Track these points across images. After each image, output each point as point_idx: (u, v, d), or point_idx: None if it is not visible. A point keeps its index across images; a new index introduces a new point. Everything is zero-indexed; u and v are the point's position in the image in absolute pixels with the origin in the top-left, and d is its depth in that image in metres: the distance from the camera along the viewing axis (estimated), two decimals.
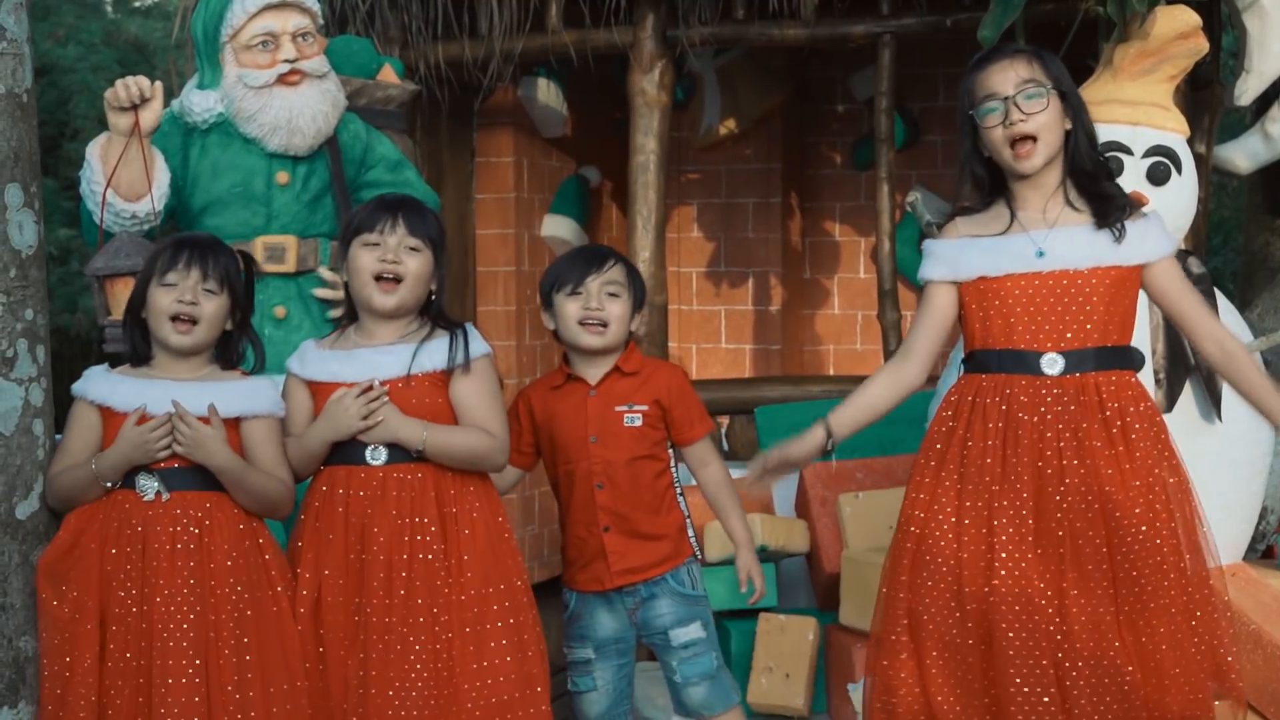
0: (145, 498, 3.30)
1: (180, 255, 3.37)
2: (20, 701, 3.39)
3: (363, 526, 3.38)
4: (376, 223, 3.45)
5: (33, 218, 3.44)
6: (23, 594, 3.39)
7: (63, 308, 9.82)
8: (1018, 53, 3.36)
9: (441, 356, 3.45)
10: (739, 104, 6.85)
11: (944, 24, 5.27)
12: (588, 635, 3.76)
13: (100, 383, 3.39)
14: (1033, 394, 3.29)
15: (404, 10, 5.62)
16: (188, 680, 3.21)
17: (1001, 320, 3.33)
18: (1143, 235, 3.31)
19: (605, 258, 3.78)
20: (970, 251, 3.37)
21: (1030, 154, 3.29)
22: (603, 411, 3.73)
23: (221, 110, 4.13)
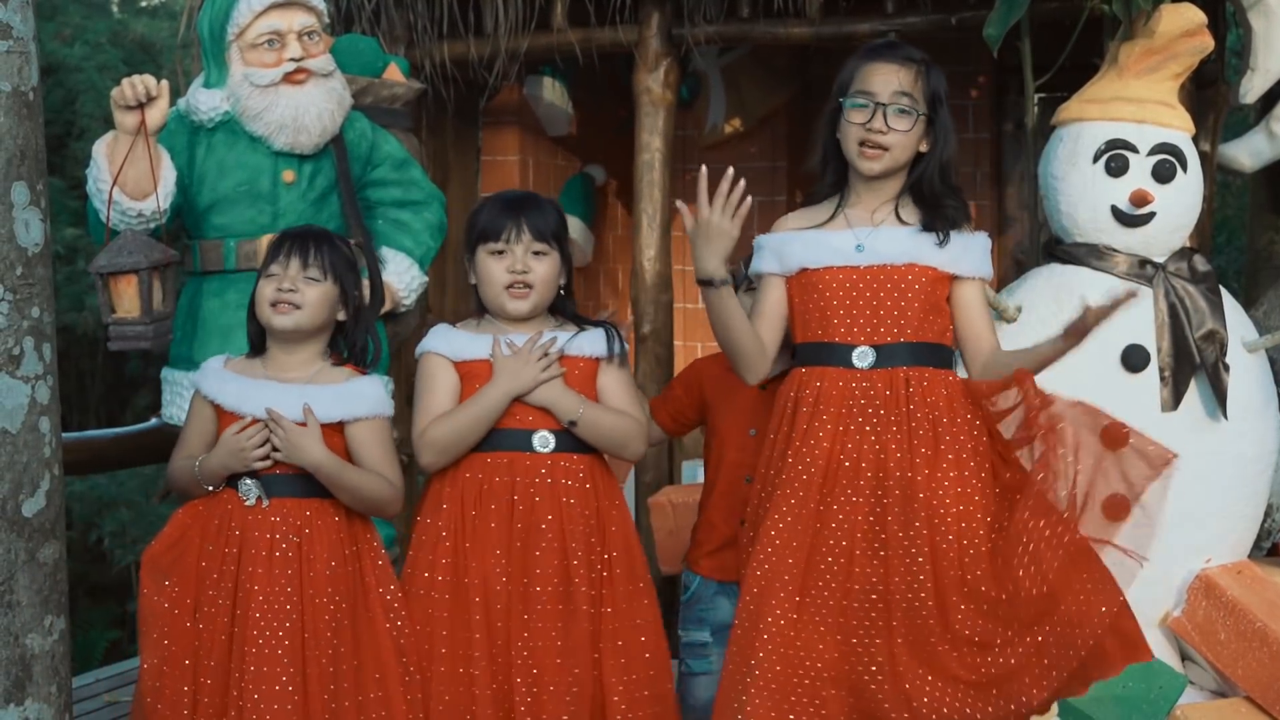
0: (246, 501, 3.32)
1: (282, 246, 3.40)
2: (27, 699, 3.40)
3: (530, 514, 3.36)
4: (501, 230, 3.44)
5: (39, 216, 3.44)
6: (29, 592, 3.39)
7: (69, 306, 9.82)
8: (908, 61, 3.41)
9: (601, 345, 3.47)
10: (744, 102, 6.86)
11: (949, 22, 5.27)
12: (707, 619, 3.75)
13: (213, 379, 3.42)
14: (841, 385, 3.35)
15: (409, 9, 5.62)
16: (281, 688, 3.21)
17: (819, 313, 3.40)
18: (966, 248, 3.40)
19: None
20: (794, 244, 3.46)
21: (875, 159, 3.38)
22: (768, 406, 3.64)
23: (227, 109, 4.13)
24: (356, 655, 3.30)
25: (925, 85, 3.40)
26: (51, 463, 3.46)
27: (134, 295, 3.94)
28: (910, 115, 3.37)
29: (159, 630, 3.30)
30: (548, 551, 3.35)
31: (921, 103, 3.39)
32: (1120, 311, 3.28)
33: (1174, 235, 4.13)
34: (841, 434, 3.34)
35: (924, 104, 3.39)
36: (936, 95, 3.41)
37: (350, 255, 3.46)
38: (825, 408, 3.37)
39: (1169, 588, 4.06)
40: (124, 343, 3.95)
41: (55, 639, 3.43)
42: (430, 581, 3.40)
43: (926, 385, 3.35)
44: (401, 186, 4.42)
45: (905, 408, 3.33)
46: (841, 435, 3.34)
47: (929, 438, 3.32)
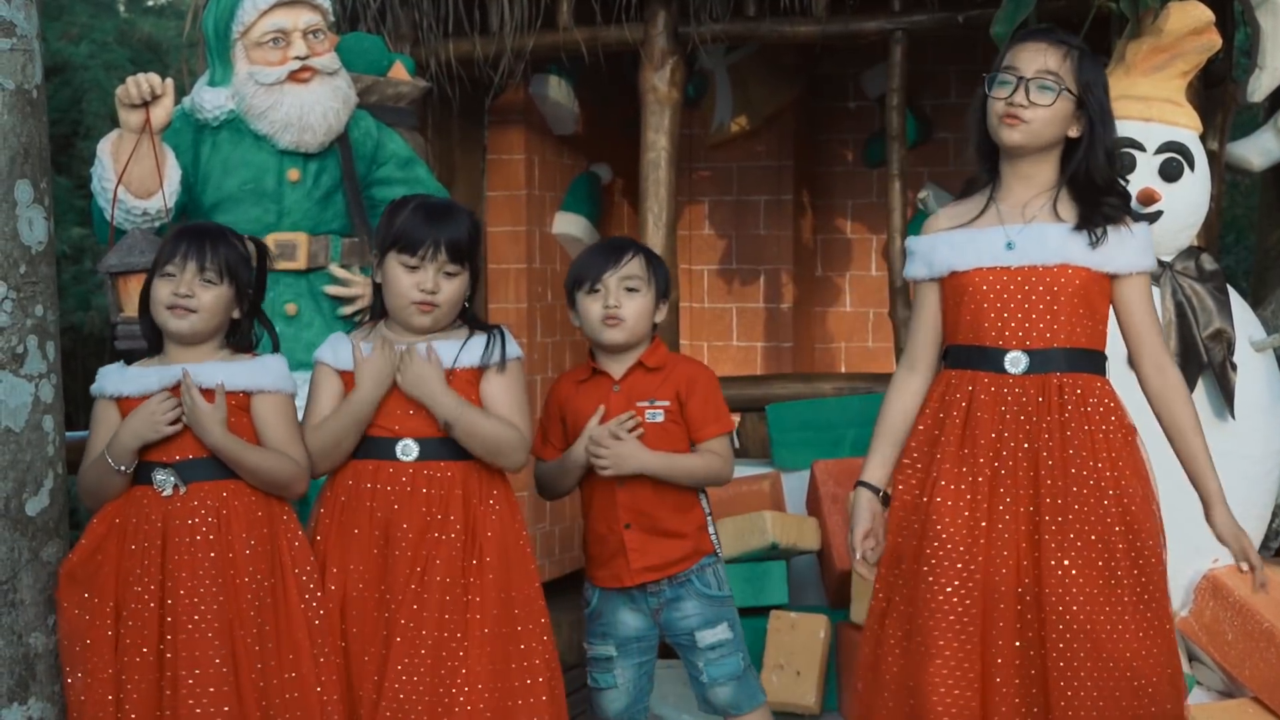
0: (163, 493, 3.31)
1: (179, 246, 3.38)
2: (30, 698, 3.40)
3: (388, 522, 3.40)
4: (417, 245, 3.43)
5: (42, 214, 3.44)
6: (33, 590, 3.39)
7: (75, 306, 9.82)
8: (1059, 43, 3.31)
9: (478, 354, 3.47)
10: (750, 101, 6.84)
11: (956, 20, 5.26)
12: (610, 633, 3.75)
13: (113, 377, 3.42)
14: (994, 392, 3.27)
15: (415, 7, 5.61)
16: (215, 670, 3.22)
17: (970, 315, 3.31)
18: (1121, 244, 3.27)
19: (623, 251, 3.74)
20: (942, 246, 3.37)
21: (1014, 126, 3.27)
22: (625, 407, 3.70)
23: (232, 107, 4.13)
24: (278, 632, 3.33)
25: (1075, 67, 3.28)
26: (55, 461, 3.46)
27: None
28: (1052, 91, 3.25)
29: (81, 644, 3.30)
30: (400, 560, 3.39)
31: (1069, 82, 3.27)
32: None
33: (1181, 234, 4.12)
34: (995, 441, 3.26)
35: (1072, 84, 3.27)
36: (1089, 81, 3.29)
37: (245, 252, 3.45)
38: (980, 414, 3.28)
39: (1176, 588, 4.05)
40: (132, 342, 3.94)
41: (59, 638, 3.43)
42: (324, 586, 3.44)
43: (1081, 393, 3.26)
44: (406, 185, 4.41)
45: (1059, 415, 3.25)
46: (996, 443, 3.26)
47: (1085, 446, 3.24)
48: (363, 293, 4.17)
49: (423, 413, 3.43)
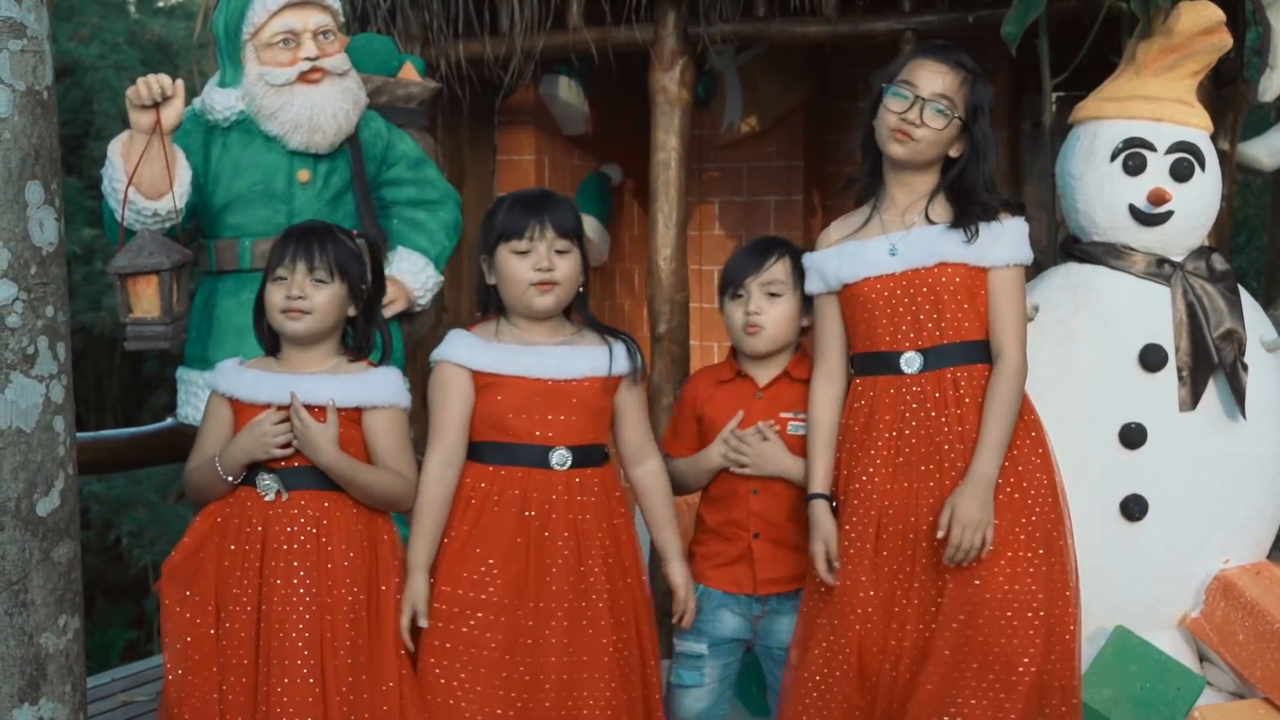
0: (266, 497, 3.33)
1: (287, 248, 3.39)
2: (41, 698, 3.40)
3: (543, 531, 3.38)
4: (524, 228, 3.43)
5: (53, 215, 3.44)
6: (43, 591, 3.40)
7: (86, 306, 9.85)
8: (960, 66, 3.48)
9: (625, 363, 3.49)
10: (760, 101, 6.84)
11: (966, 21, 5.24)
12: (705, 631, 3.70)
13: (229, 375, 3.43)
14: (893, 394, 3.42)
15: (425, 8, 5.62)
16: (302, 680, 3.23)
17: (865, 323, 3.47)
18: (995, 239, 3.42)
19: (768, 254, 3.70)
20: (832, 260, 3.53)
21: (903, 142, 3.44)
22: (768, 415, 3.66)
23: (243, 108, 4.13)
24: (373, 648, 3.32)
25: (969, 93, 3.46)
26: (65, 462, 3.46)
27: (154, 295, 3.95)
28: (945, 116, 3.42)
29: (182, 641, 3.31)
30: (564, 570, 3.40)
31: (960, 108, 3.44)
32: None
33: (1192, 234, 4.11)
34: (895, 439, 3.41)
35: (963, 110, 3.44)
36: (978, 107, 3.46)
37: (354, 247, 3.45)
38: (880, 416, 3.43)
39: (1187, 588, 4.04)
40: (143, 342, 3.96)
41: (69, 638, 3.43)
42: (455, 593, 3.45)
43: (979, 384, 3.40)
44: (417, 186, 4.42)
45: (956, 409, 3.38)
46: (895, 440, 3.41)
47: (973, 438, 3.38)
48: None
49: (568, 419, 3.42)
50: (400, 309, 4.30)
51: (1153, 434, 3.97)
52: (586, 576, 3.38)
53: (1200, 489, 3.99)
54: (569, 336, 3.50)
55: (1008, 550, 3.35)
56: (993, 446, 3.34)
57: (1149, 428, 3.97)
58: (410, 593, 3.37)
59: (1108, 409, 3.98)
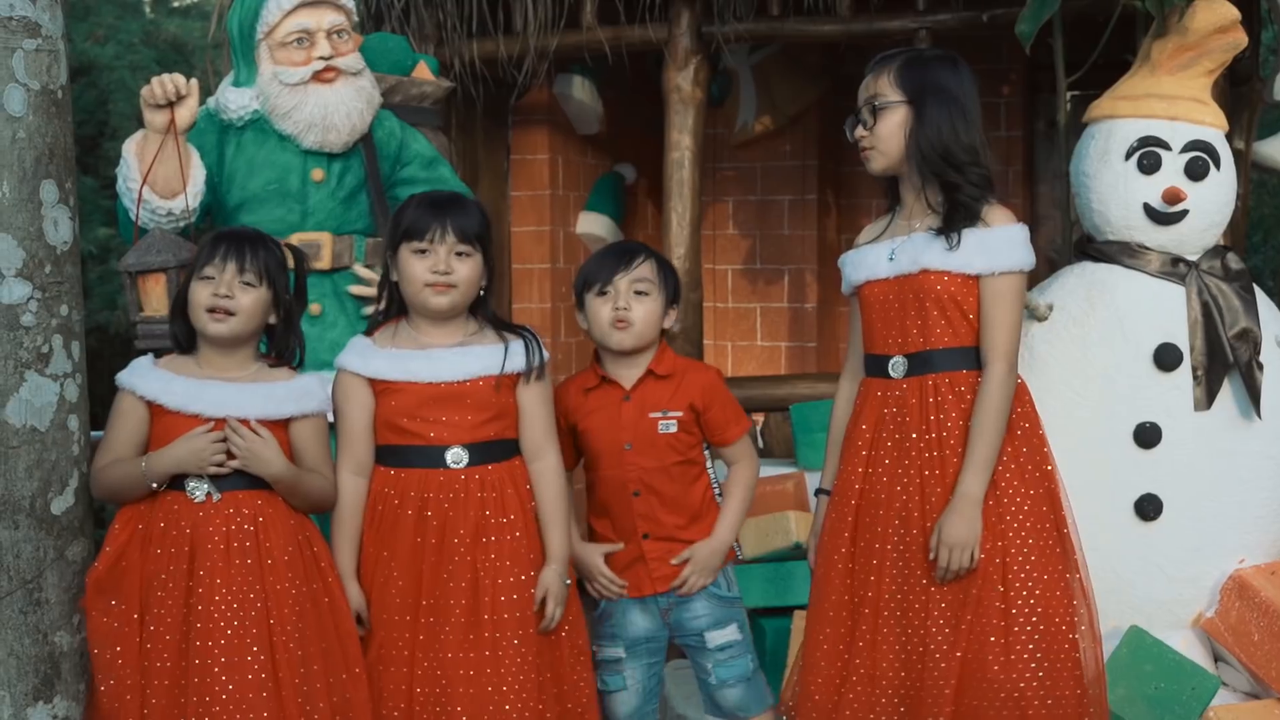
0: (195, 499, 3.31)
1: (218, 249, 3.38)
2: (55, 696, 3.41)
3: (443, 530, 3.41)
4: (425, 229, 3.46)
5: (67, 214, 3.45)
6: (58, 589, 3.40)
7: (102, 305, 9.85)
8: (879, 64, 3.51)
9: (521, 360, 3.50)
10: (774, 100, 6.84)
11: (980, 19, 5.25)
12: (619, 635, 3.74)
13: (150, 378, 3.39)
14: (879, 396, 3.48)
15: (439, 7, 5.62)
16: (254, 677, 3.22)
17: (866, 326, 3.55)
18: (980, 246, 3.40)
19: (634, 254, 3.73)
20: (848, 265, 3.61)
21: (866, 158, 3.52)
22: (637, 418, 3.69)
23: (257, 107, 4.14)
24: (322, 637, 3.33)
25: (895, 78, 3.46)
26: (80, 461, 3.47)
27: (162, 294, 3.96)
28: (875, 111, 3.46)
29: (111, 651, 3.29)
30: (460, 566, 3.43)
31: (893, 94, 3.44)
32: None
33: (1207, 233, 4.10)
34: (871, 441, 3.47)
35: (898, 94, 3.44)
36: (917, 78, 3.44)
37: (282, 257, 3.46)
38: (865, 418, 3.50)
39: (1202, 588, 4.03)
40: (153, 340, 3.96)
41: (84, 637, 3.44)
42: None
43: (962, 390, 3.40)
44: (430, 185, 4.42)
45: (932, 416, 3.40)
46: (872, 442, 3.47)
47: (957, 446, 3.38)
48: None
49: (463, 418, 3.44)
50: None
51: (1167, 433, 3.96)
52: (490, 573, 3.39)
53: (1215, 488, 3.98)
54: (465, 337, 3.51)
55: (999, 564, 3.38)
56: (979, 464, 3.33)
57: (1164, 427, 3.96)
58: (350, 602, 3.42)
59: (1122, 408, 3.97)
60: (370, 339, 3.55)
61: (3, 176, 3.33)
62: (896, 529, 3.40)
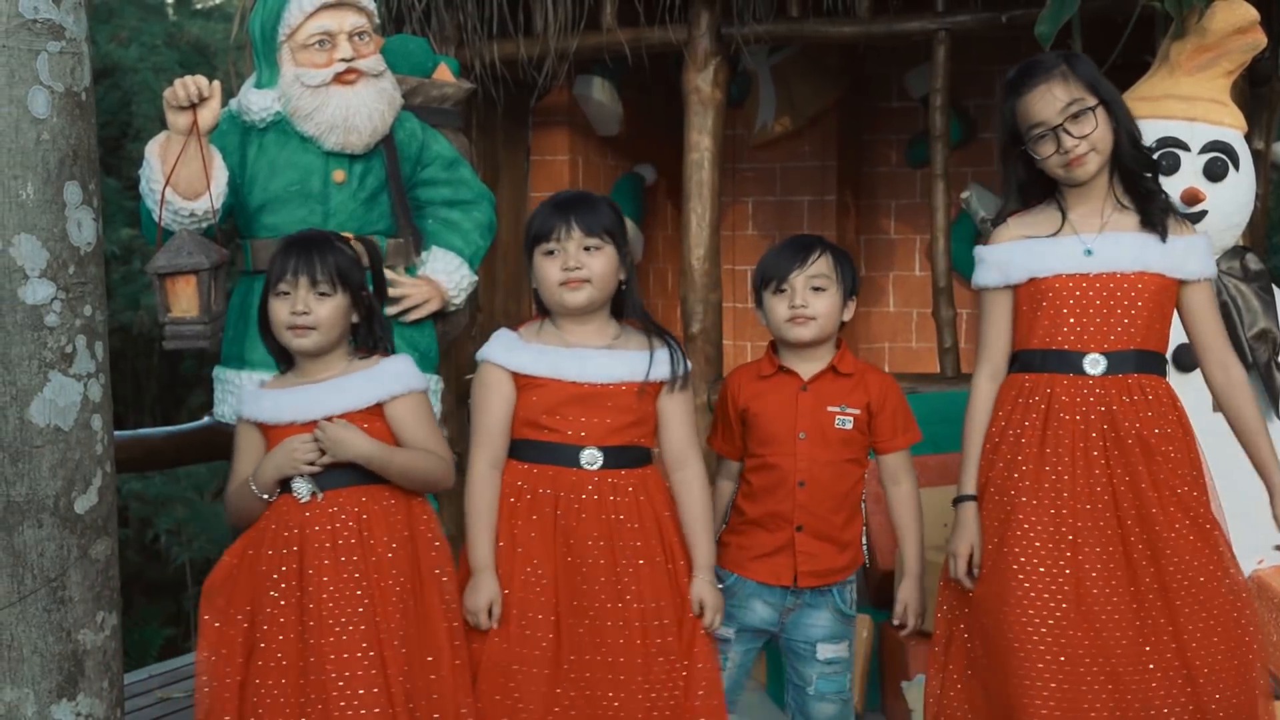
0: (301, 499, 3.34)
1: (289, 262, 3.40)
2: (79, 694, 3.43)
3: (572, 530, 3.40)
4: (551, 230, 3.45)
5: (91, 215, 3.47)
6: (81, 588, 3.42)
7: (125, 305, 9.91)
8: (1052, 72, 3.38)
9: (666, 368, 3.48)
10: (794, 101, 6.85)
11: (999, 20, 5.25)
12: (735, 617, 3.68)
13: (251, 401, 3.46)
14: (1074, 393, 3.36)
15: (459, 9, 5.65)
16: (365, 674, 3.23)
17: (1049, 320, 3.40)
18: (1189, 251, 3.37)
19: (810, 249, 3.69)
20: (1020, 255, 3.44)
21: (1083, 163, 3.36)
22: (815, 409, 3.65)
23: (279, 109, 4.15)
24: (424, 634, 3.34)
25: (1080, 81, 3.37)
26: (103, 460, 3.49)
27: (192, 295, 3.97)
28: (1088, 115, 3.35)
29: (215, 653, 3.33)
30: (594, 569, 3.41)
31: (1087, 95, 3.36)
32: None
33: (1226, 234, 4.10)
34: (1081, 441, 3.37)
35: (1089, 95, 3.36)
36: (1093, 80, 3.39)
37: (352, 253, 3.47)
38: (1062, 415, 3.38)
39: None
40: (181, 342, 3.98)
41: (107, 635, 3.46)
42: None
43: (1151, 395, 3.38)
44: (451, 186, 4.44)
45: (1144, 412, 3.36)
46: (1083, 444, 3.37)
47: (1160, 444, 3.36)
48: (410, 293, 4.19)
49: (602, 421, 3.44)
50: (434, 309, 4.32)
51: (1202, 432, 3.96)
52: (621, 576, 3.38)
53: (1234, 490, 3.98)
54: (612, 340, 3.50)
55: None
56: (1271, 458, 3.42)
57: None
58: (483, 593, 3.40)
59: None
60: (516, 333, 3.52)
61: (27, 178, 3.35)
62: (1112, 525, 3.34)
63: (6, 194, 3.34)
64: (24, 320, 3.35)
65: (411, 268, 4.23)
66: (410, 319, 4.21)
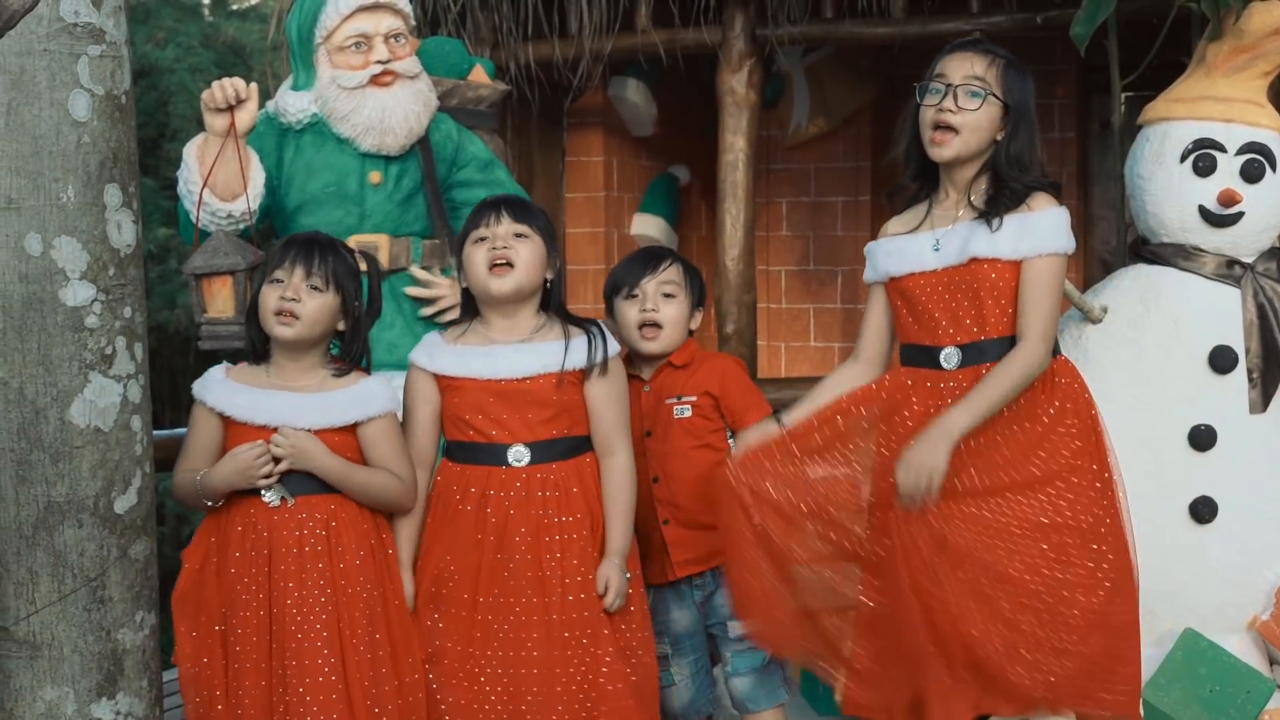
0: (271, 504, 3.34)
1: (288, 253, 3.42)
2: (119, 693, 3.46)
3: (503, 527, 3.42)
4: (482, 219, 3.51)
5: (131, 217, 3.50)
6: (120, 587, 3.45)
7: (162, 304, 9.96)
8: (986, 51, 3.46)
9: (582, 356, 3.49)
10: (828, 102, 6.84)
11: (1035, 21, 5.24)
12: (663, 630, 3.75)
13: (219, 390, 3.43)
14: (929, 387, 3.45)
15: (495, 11, 5.66)
16: (324, 679, 3.25)
17: (910, 316, 3.50)
18: (1023, 228, 3.39)
19: (661, 258, 3.80)
20: (882, 253, 3.57)
21: (944, 143, 3.43)
22: (655, 406, 3.75)
23: (315, 111, 4.17)
24: (391, 641, 3.35)
25: (1001, 75, 3.43)
26: (143, 460, 3.52)
27: (228, 296, 3.99)
28: (979, 96, 3.40)
29: (197, 664, 3.32)
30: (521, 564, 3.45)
31: (996, 88, 3.41)
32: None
33: (1262, 235, 4.08)
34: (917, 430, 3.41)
35: (999, 91, 3.41)
36: (1013, 88, 3.42)
37: (353, 264, 3.48)
38: (914, 406, 3.47)
39: (1257, 591, 4.02)
40: (217, 342, 4.00)
41: (146, 634, 3.49)
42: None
43: None
44: (486, 187, 4.45)
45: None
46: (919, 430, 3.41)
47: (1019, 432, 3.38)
48: (444, 294, 4.21)
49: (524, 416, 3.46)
50: None
51: (1222, 436, 3.95)
52: (544, 572, 3.40)
53: (1270, 491, 3.96)
54: (530, 334, 3.52)
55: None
56: (971, 405, 3.32)
57: (1219, 430, 3.95)
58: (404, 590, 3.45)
59: (1177, 411, 3.96)
60: (441, 335, 3.58)
61: (68, 180, 3.38)
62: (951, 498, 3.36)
63: (48, 196, 3.37)
64: (64, 322, 3.38)
65: (446, 269, 4.25)
66: (445, 319, 4.23)
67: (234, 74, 4.10)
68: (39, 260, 3.37)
